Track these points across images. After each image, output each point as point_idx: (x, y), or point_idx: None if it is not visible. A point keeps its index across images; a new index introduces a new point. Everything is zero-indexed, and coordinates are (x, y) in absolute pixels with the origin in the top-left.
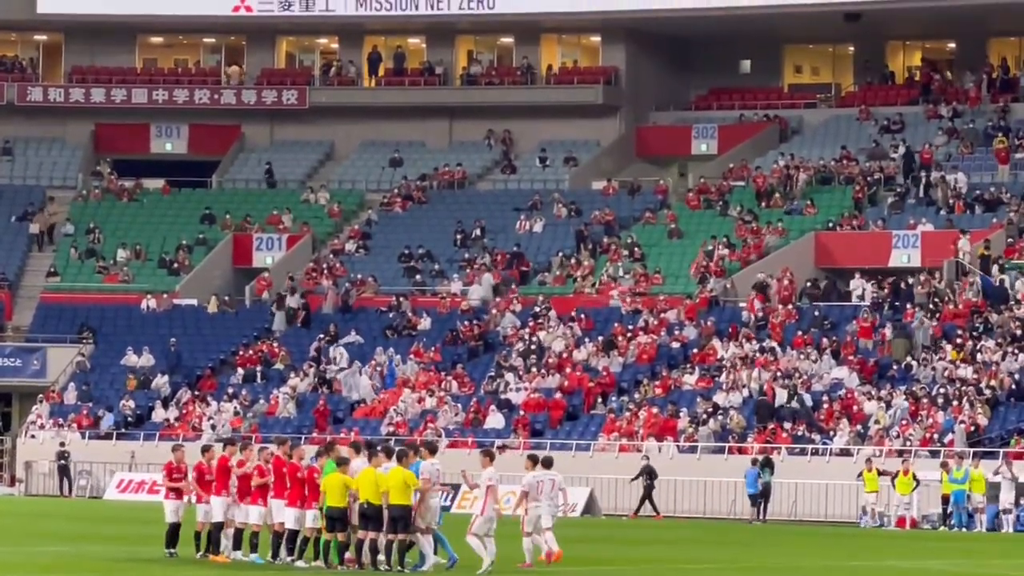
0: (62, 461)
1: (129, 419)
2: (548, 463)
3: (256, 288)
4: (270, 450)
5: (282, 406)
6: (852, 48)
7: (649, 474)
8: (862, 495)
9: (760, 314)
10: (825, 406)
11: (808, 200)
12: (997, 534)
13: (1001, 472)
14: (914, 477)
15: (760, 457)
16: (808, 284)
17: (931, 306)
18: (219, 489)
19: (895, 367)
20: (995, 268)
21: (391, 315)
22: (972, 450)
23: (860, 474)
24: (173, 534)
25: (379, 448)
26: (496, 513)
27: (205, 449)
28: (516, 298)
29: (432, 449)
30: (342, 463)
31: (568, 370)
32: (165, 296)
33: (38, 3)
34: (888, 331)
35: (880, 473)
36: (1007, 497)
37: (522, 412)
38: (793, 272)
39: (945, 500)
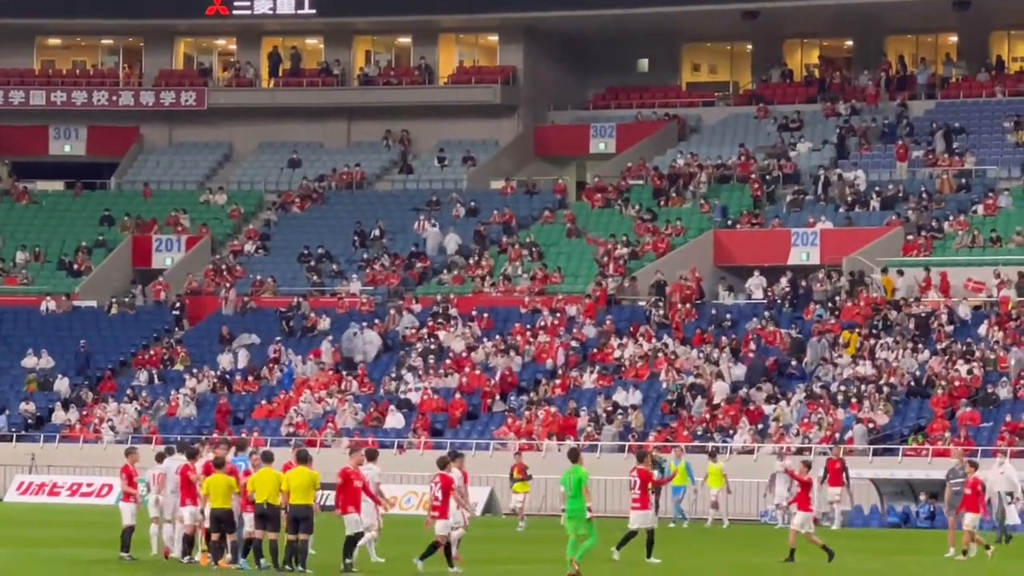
0: None
1: (29, 421)
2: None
3: (155, 290)
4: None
5: (182, 407)
6: (750, 46)
7: None
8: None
9: (661, 313)
10: (724, 404)
11: (714, 198)
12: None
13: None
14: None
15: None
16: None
17: (830, 304)
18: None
19: (794, 365)
20: None
21: (290, 315)
22: (872, 447)
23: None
24: (129, 537)
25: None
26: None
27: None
28: (415, 297)
29: (372, 455)
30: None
31: (467, 369)
32: (65, 298)
33: None
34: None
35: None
36: (781, 491)
37: (422, 412)
38: (694, 270)
39: None
